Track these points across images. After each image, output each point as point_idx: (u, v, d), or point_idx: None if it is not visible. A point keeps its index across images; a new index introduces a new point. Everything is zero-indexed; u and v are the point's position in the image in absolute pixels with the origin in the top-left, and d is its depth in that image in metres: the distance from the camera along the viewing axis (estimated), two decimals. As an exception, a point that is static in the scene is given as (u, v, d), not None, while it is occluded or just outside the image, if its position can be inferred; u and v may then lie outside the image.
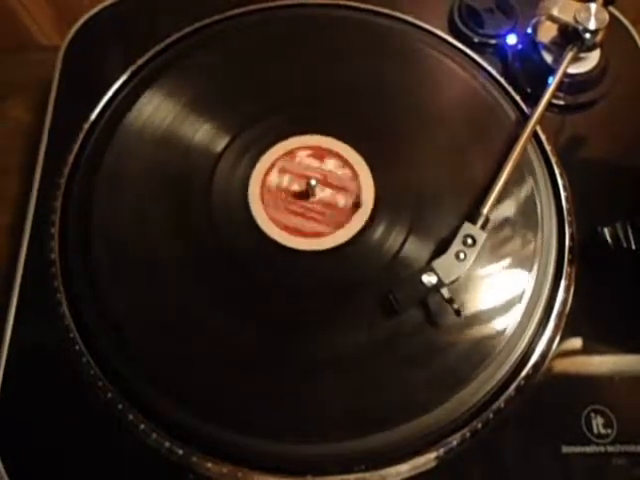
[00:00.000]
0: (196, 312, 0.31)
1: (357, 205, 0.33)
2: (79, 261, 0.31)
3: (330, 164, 0.34)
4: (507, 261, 0.32)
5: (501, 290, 0.31)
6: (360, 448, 0.28)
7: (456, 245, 0.30)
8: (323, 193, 0.33)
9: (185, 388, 0.29)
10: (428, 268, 0.29)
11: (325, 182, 0.33)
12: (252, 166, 0.34)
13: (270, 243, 0.32)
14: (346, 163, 0.34)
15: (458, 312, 0.29)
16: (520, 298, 0.31)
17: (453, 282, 0.29)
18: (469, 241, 0.30)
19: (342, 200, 0.33)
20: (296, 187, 0.33)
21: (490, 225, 0.31)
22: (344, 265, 0.32)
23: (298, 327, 0.31)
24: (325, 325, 0.31)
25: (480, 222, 0.30)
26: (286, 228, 0.32)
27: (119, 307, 0.30)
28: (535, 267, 0.31)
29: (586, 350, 0.31)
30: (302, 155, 0.34)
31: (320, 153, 0.34)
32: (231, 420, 0.28)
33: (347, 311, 0.31)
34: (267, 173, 0.34)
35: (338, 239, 0.32)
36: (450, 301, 0.29)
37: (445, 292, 0.29)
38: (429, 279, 0.29)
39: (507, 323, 0.30)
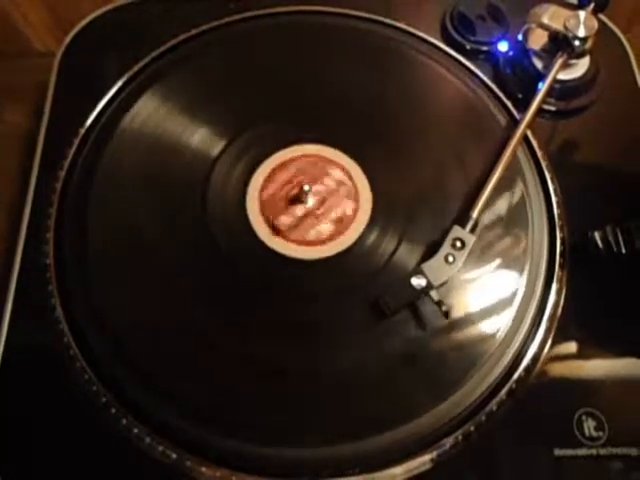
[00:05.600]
0: (191, 317, 0.31)
1: (355, 212, 0.33)
2: (74, 266, 0.31)
3: (326, 171, 0.34)
4: (498, 265, 0.32)
5: (492, 294, 0.31)
6: (353, 451, 0.28)
7: (445, 248, 0.30)
8: (321, 200, 0.33)
9: (179, 392, 0.29)
10: (417, 271, 0.29)
11: (321, 190, 0.34)
12: (250, 172, 0.34)
13: (268, 250, 0.32)
14: (342, 169, 0.34)
15: (447, 314, 0.29)
16: (511, 301, 0.31)
17: (442, 285, 0.30)
18: (458, 244, 0.30)
19: (339, 206, 0.33)
20: (294, 194, 0.33)
21: (481, 229, 0.32)
22: (337, 272, 0.32)
23: (293, 333, 0.31)
24: (319, 331, 0.31)
25: (469, 225, 0.31)
26: (283, 236, 0.32)
27: (113, 312, 0.31)
28: (526, 270, 0.31)
29: (578, 353, 0.31)
30: (299, 163, 0.34)
31: (316, 161, 0.34)
32: (225, 424, 0.28)
33: (341, 316, 0.31)
34: (266, 180, 0.34)
35: (335, 247, 0.32)
36: (439, 303, 0.29)
37: (434, 295, 0.29)
38: (418, 282, 0.29)
39: (499, 326, 0.30)
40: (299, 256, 0.32)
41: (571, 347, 0.31)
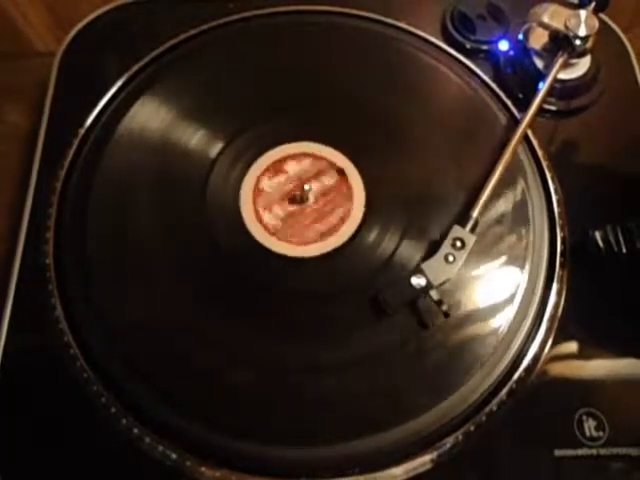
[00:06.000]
0: (191, 317, 0.31)
1: (349, 211, 0.33)
2: (74, 266, 0.31)
3: (322, 170, 0.34)
4: (499, 264, 0.32)
5: (493, 293, 0.31)
6: (354, 451, 0.28)
7: (445, 248, 0.30)
8: (316, 198, 0.33)
9: (179, 392, 0.29)
10: (417, 270, 0.29)
11: (319, 189, 0.34)
12: (245, 172, 0.34)
13: (263, 250, 0.32)
14: (341, 168, 0.34)
15: (447, 314, 0.29)
16: (512, 301, 0.31)
17: (442, 284, 0.30)
18: (458, 244, 0.30)
19: (337, 205, 0.33)
20: (289, 192, 0.33)
21: (481, 229, 0.32)
22: (336, 270, 0.32)
23: (293, 331, 0.31)
24: (318, 329, 0.31)
25: (469, 225, 0.31)
26: (279, 235, 0.32)
27: (113, 311, 0.31)
28: (527, 270, 0.31)
29: (578, 353, 0.31)
30: (294, 161, 0.34)
31: (311, 159, 0.34)
32: (224, 424, 0.28)
33: (340, 315, 0.31)
34: (260, 178, 0.34)
35: (330, 245, 0.32)
36: (439, 303, 0.29)
37: (434, 294, 0.29)
38: (418, 281, 0.29)
39: (499, 326, 0.30)
40: (298, 255, 0.32)
41: (571, 347, 0.31)
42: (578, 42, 0.34)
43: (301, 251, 0.32)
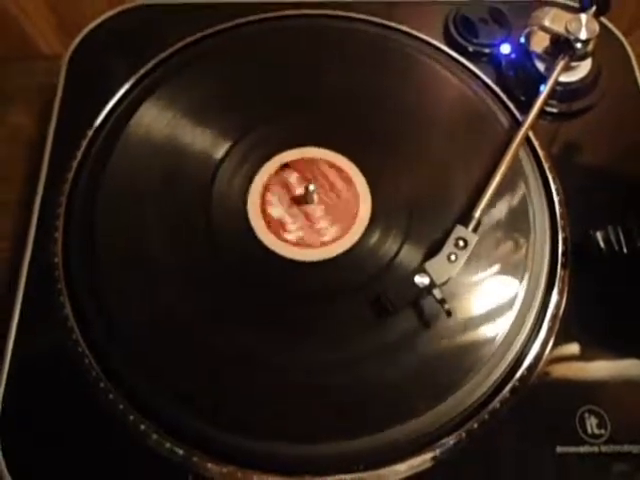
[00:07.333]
0: (197, 316, 0.31)
1: (358, 212, 0.33)
2: (82, 264, 0.32)
3: (329, 173, 0.35)
4: (500, 264, 0.32)
5: (495, 293, 0.31)
6: (358, 448, 0.28)
7: (448, 247, 0.30)
8: (321, 200, 0.34)
9: (186, 389, 0.29)
10: (420, 269, 0.30)
11: (324, 191, 0.34)
12: (252, 173, 0.34)
13: (268, 252, 0.32)
14: (344, 171, 0.35)
15: (449, 313, 0.29)
16: (513, 301, 0.31)
17: (445, 283, 0.30)
18: (461, 243, 0.30)
19: (341, 207, 0.34)
20: (295, 195, 0.34)
21: (483, 229, 0.32)
22: (341, 271, 0.32)
23: (296, 331, 0.31)
24: (322, 329, 0.31)
25: (472, 225, 0.31)
26: (285, 238, 0.33)
27: (122, 310, 0.31)
28: (528, 270, 0.32)
29: (580, 352, 0.31)
30: (300, 166, 0.35)
31: (318, 163, 0.35)
32: (231, 421, 0.29)
33: (344, 315, 0.31)
34: (268, 180, 0.34)
35: (338, 248, 0.32)
36: (442, 302, 0.29)
37: (437, 293, 0.29)
38: (421, 280, 0.29)
39: (501, 325, 0.30)
40: (302, 258, 0.32)
41: (573, 346, 0.31)
42: (579, 45, 0.35)
43: (309, 254, 0.32)
